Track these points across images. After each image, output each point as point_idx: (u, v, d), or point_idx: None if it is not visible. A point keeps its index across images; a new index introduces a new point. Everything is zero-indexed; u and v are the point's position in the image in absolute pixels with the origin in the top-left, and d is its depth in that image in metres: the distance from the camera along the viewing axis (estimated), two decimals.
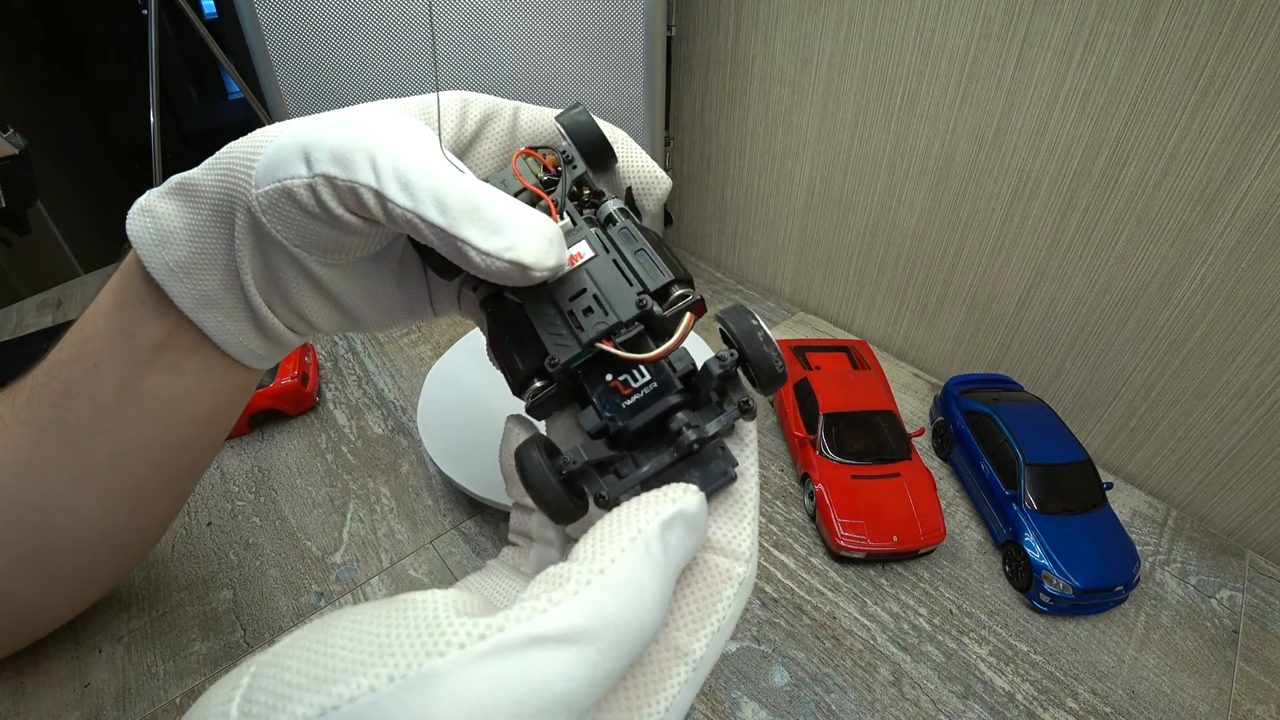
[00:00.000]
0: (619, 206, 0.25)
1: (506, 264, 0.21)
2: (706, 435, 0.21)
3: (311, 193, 0.22)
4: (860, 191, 0.67)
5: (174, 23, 1.00)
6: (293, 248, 0.24)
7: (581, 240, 0.24)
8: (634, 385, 0.22)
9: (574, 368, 0.23)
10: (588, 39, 0.61)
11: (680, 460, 0.21)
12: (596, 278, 0.23)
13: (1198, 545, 0.51)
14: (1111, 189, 0.50)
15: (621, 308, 0.22)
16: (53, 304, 0.76)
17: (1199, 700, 0.41)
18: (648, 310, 0.22)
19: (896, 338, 0.71)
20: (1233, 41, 0.42)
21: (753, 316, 0.22)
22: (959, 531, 0.50)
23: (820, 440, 0.51)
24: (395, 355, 0.66)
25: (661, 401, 0.22)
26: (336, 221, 0.23)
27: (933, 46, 0.55)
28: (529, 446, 0.22)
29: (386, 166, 0.21)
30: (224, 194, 0.24)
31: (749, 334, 0.22)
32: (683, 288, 0.23)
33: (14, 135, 0.68)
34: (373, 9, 0.56)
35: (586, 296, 0.23)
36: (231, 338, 0.27)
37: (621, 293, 0.23)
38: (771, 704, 0.40)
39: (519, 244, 0.21)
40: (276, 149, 0.23)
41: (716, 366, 0.22)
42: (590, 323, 0.22)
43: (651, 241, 0.24)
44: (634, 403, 0.22)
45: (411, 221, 0.21)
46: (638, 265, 0.23)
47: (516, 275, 0.21)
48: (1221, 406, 0.51)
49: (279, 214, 0.23)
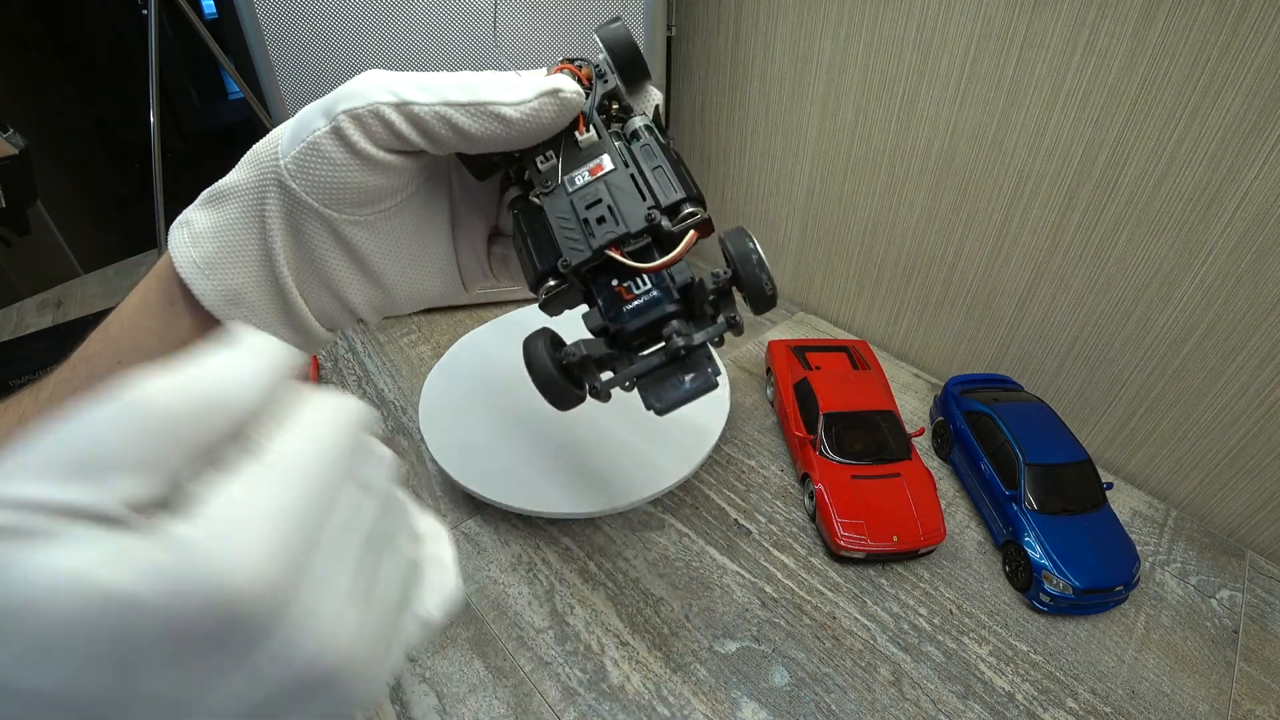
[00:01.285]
0: (645, 123, 0.26)
1: (538, 100, 0.22)
2: (693, 343, 0.23)
3: (336, 136, 0.23)
4: (860, 191, 0.67)
5: (174, 23, 1.00)
6: (325, 209, 0.24)
7: (604, 154, 0.25)
8: (635, 292, 0.24)
9: (584, 270, 0.25)
10: (588, 39, 0.61)
11: (669, 363, 0.24)
12: (613, 189, 0.24)
13: (1198, 545, 0.51)
14: (1111, 189, 0.50)
15: (632, 219, 0.24)
16: (53, 304, 0.76)
17: (1199, 700, 0.41)
18: (656, 224, 0.24)
19: (896, 338, 0.71)
20: (1233, 42, 0.42)
21: (750, 239, 0.24)
22: (959, 531, 0.50)
23: (820, 440, 0.51)
24: (395, 355, 0.66)
25: (658, 308, 0.24)
26: (364, 158, 0.23)
27: (933, 46, 0.55)
28: (536, 337, 0.24)
29: (402, 84, 0.23)
30: (253, 183, 0.24)
31: (744, 256, 0.24)
32: (692, 205, 0.24)
33: (14, 135, 0.68)
34: (373, 10, 0.56)
35: (601, 206, 0.24)
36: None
37: (634, 205, 0.24)
38: (771, 704, 0.40)
39: (543, 82, 0.23)
40: (298, 119, 0.24)
41: (711, 282, 0.24)
42: (602, 230, 0.24)
43: (670, 160, 0.25)
44: (634, 307, 0.24)
45: (438, 111, 0.22)
46: (654, 181, 0.24)
47: (553, 108, 0.23)
48: (1221, 406, 0.51)
49: (308, 173, 0.23)
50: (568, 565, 0.47)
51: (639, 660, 0.42)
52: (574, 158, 0.25)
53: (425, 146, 0.23)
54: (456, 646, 0.42)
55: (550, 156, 0.25)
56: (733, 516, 0.51)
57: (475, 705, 0.39)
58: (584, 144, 0.25)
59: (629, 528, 0.50)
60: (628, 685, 0.41)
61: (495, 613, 0.44)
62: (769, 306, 0.24)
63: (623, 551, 0.48)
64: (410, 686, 0.40)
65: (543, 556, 0.48)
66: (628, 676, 0.41)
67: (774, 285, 0.24)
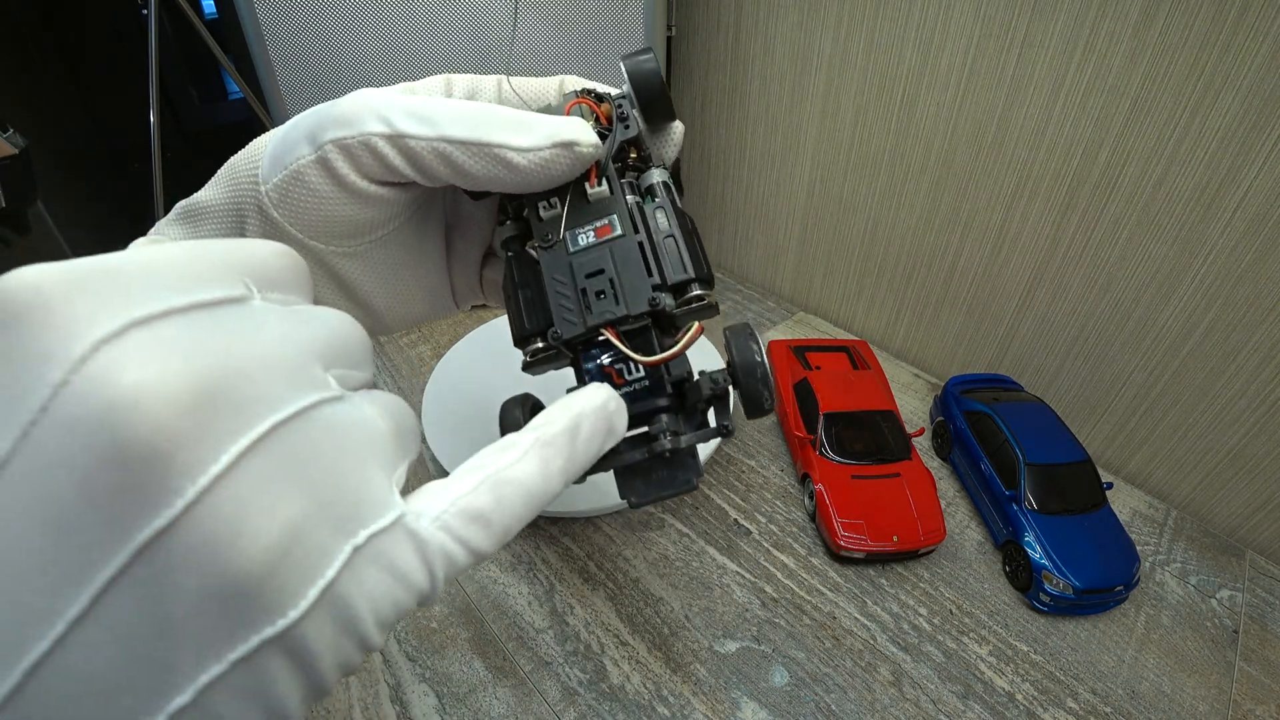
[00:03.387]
0: (663, 180, 0.24)
1: (551, 150, 0.21)
2: (680, 446, 0.22)
3: (322, 166, 0.21)
4: (860, 191, 0.67)
5: (174, 23, 1.00)
6: (310, 241, 0.23)
7: (613, 214, 0.23)
8: (628, 378, 0.23)
9: (575, 343, 0.23)
10: (588, 39, 0.61)
11: (651, 460, 0.23)
12: (617, 260, 0.23)
13: (1198, 545, 0.51)
14: (1111, 189, 0.50)
15: (634, 299, 0.22)
16: None
17: (1199, 700, 0.41)
18: (659, 309, 0.22)
19: (896, 338, 0.71)
20: (1233, 41, 0.42)
21: (756, 344, 0.23)
22: (959, 531, 0.50)
23: (820, 440, 0.51)
24: (395, 355, 0.66)
25: (649, 401, 0.23)
26: (351, 191, 0.21)
27: (933, 46, 0.55)
28: (514, 404, 0.23)
29: (398, 113, 0.20)
30: (231, 204, 0.22)
31: (749, 367, 0.23)
32: (701, 288, 0.23)
33: (14, 135, 0.68)
34: (373, 9, 0.56)
35: (603, 279, 0.22)
36: None
37: (638, 282, 0.22)
38: (771, 704, 0.40)
39: (559, 129, 0.21)
40: (280, 140, 0.22)
41: (708, 387, 0.23)
42: (600, 307, 0.22)
43: (684, 229, 0.23)
44: (623, 394, 0.22)
45: (436, 148, 0.20)
46: (664, 254, 0.23)
47: (565, 159, 0.21)
48: (1221, 406, 0.51)
49: (291, 204, 0.21)
50: (567, 565, 0.47)
51: (639, 660, 0.42)
52: (580, 212, 0.23)
53: (418, 180, 0.21)
54: (456, 646, 0.42)
55: (554, 204, 0.23)
56: (733, 516, 0.51)
57: (475, 705, 0.39)
58: (593, 197, 0.23)
59: (629, 528, 0.50)
60: (628, 685, 0.41)
61: (495, 613, 0.44)
62: (762, 415, 0.23)
63: (623, 551, 0.48)
64: (410, 686, 0.40)
65: (542, 556, 0.48)
66: (628, 676, 0.41)
67: (773, 400, 0.23)
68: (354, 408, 0.17)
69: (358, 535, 0.15)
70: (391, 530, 0.16)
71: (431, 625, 0.43)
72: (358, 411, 0.17)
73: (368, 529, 0.16)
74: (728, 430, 0.23)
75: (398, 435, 0.18)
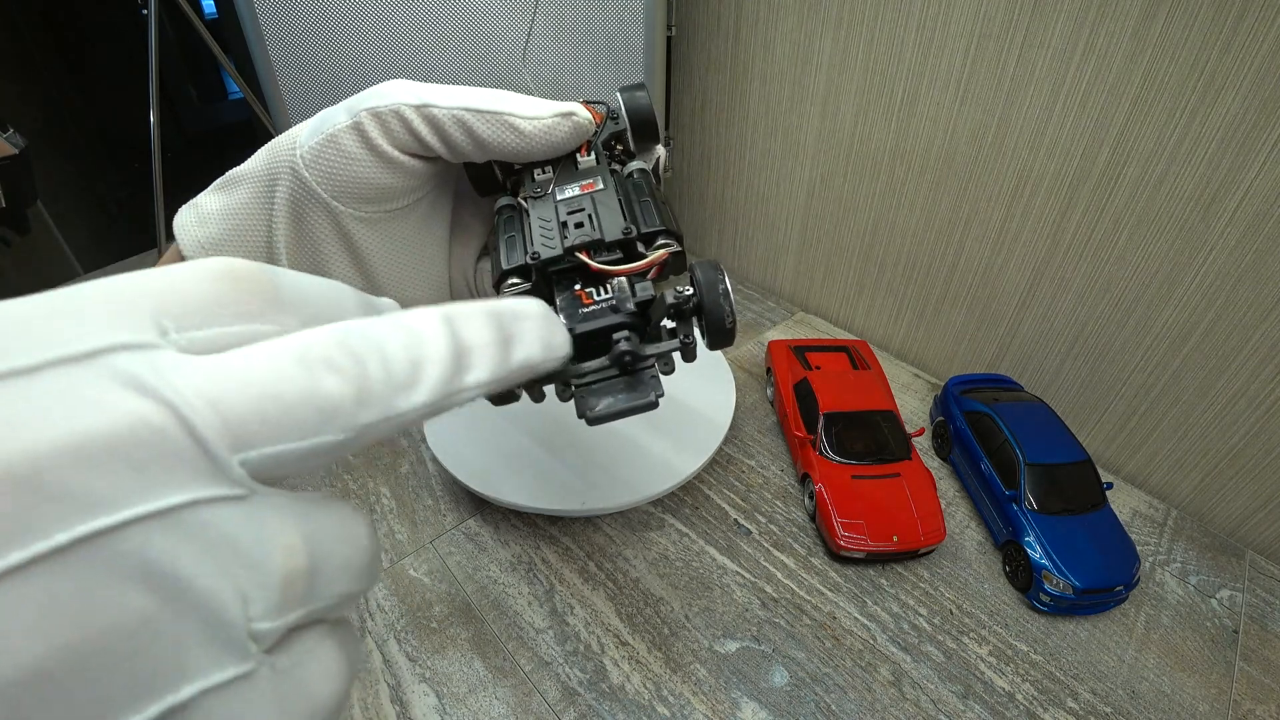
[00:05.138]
0: (641, 168, 0.27)
1: (553, 118, 0.24)
2: (640, 353, 0.23)
3: (356, 131, 0.24)
4: (860, 191, 0.67)
5: (174, 22, 1.00)
6: (333, 201, 0.25)
7: (598, 176, 0.26)
8: (595, 298, 0.24)
9: (550, 271, 0.25)
10: (588, 39, 0.61)
11: (615, 376, 0.23)
12: (598, 203, 0.26)
13: (1198, 545, 0.51)
14: (1111, 189, 0.50)
15: (608, 230, 0.25)
16: None
17: (1199, 700, 0.41)
18: (631, 238, 0.25)
19: (896, 338, 0.71)
20: (1233, 41, 0.42)
21: (720, 271, 0.24)
22: (959, 531, 0.50)
23: (820, 440, 0.51)
24: None
25: (612, 315, 0.24)
26: (380, 155, 0.24)
27: (933, 46, 0.55)
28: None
29: (426, 89, 0.24)
30: (266, 170, 0.25)
31: (710, 283, 0.23)
32: (669, 239, 0.25)
33: (14, 135, 0.68)
34: (373, 9, 0.56)
35: (582, 214, 0.25)
36: None
37: (613, 219, 0.25)
38: (771, 704, 0.40)
39: (560, 104, 0.25)
40: (320, 115, 0.25)
41: (670, 297, 0.24)
42: (577, 233, 0.25)
43: (657, 201, 0.26)
44: (589, 311, 0.24)
45: (456, 115, 0.23)
46: (639, 209, 0.25)
47: (566, 128, 0.25)
48: (1221, 406, 0.51)
49: (323, 165, 0.24)
50: (567, 565, 0.47)
51: (639, 660, 0.42)
52: (569, 174, 0.27)
53: (440, 150, 0.24)
54: (456, 646, 0.42)
55: (548, 170, 0.27)
56: (733, 516, 0.51)
57: (475, 705, 0.39)
58: (582, 166, 0.27)
59: (629, 528, 0.50)
60: (628, 685, 0.41)
61: (495, 612, 0.44)
62: (726, 343, 0.24)
63: (623, 551, 0.48)
64: (410, 686, 0.40)
65: (542, 556, 0.48)
66: (628, 676, 0.41)
67: (734, 320, 0.23)
68: (247, 516, 0.12)
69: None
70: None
71: (431, 625, 0.43)
72: (247, 527, 0.12)
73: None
74: (687, 343, 0.24)
75: (309, 575, 0.13)
